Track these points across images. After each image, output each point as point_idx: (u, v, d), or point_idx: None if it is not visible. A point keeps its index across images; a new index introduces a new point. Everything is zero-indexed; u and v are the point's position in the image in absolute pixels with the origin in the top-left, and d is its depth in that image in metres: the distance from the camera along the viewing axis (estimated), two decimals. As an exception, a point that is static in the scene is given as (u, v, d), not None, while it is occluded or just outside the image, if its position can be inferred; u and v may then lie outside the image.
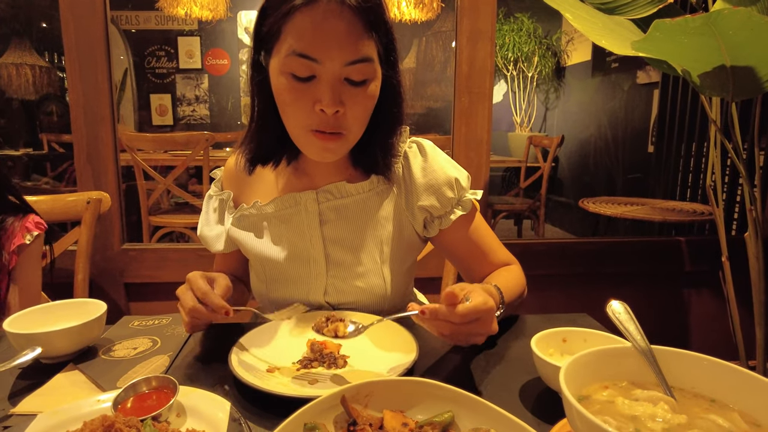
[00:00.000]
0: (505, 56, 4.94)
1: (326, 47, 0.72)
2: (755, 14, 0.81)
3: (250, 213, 0.92)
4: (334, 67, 0.73)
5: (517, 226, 4.32)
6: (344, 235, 0.90)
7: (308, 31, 0.71)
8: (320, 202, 0.89)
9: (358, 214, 0.90)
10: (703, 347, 1.59)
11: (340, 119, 0.76)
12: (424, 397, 0.53)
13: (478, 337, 0.67)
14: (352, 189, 0.89)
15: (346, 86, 0.75)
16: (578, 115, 4.83)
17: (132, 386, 0.58)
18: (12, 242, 1.04)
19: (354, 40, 0.72)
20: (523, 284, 0.91)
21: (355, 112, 0.77)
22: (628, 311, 0.57)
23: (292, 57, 0.72)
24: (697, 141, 2.86)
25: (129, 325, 0.87)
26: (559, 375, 0.45)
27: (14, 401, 0.63)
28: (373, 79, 0.77)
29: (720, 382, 0.49)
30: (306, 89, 0.74)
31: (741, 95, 1.12)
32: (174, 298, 1.62)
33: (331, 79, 0.73)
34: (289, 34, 0.73)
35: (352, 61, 0.73)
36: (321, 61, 0.72)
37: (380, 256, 0.90)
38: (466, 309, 0.63)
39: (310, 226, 0.89)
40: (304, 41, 0.72)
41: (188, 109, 5.42)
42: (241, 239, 0.94)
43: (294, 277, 0.91)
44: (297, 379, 0.68)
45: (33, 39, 4.84)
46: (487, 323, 0.65)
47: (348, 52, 0.72)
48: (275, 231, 0.92)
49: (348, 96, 0.75)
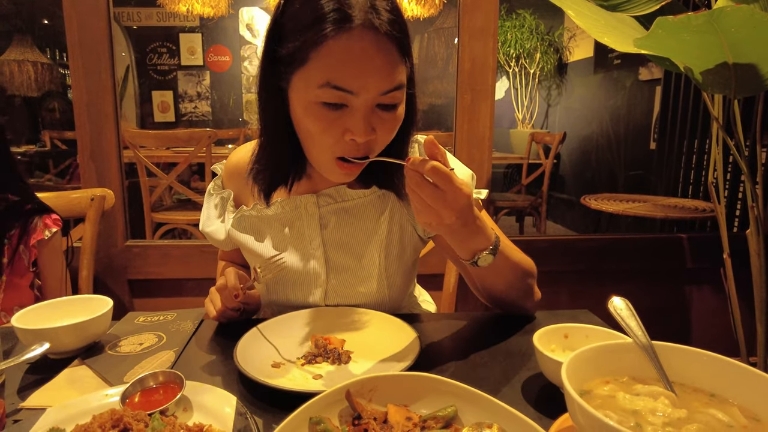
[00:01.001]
0: (508, 53, 4.93)
1: (363, 79, 0.68)
2: (758, 12, 0.81)
3: (251, 215, 0.92)
4: (369, 97, 0.70)
5: (519, 223, 4.33)
6: (344, 239, 0.90)
7: (343, 62, 0.68)
8: (321, 205, 0.89)
9: (358, 218, 0.89)
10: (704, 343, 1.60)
11: (370, 144, 0.74)
12: (427, 392, 0.53)
13: (433, 215, 0.64)
14: (353, 193, 0.89)
15: (377, 112, 0.72)
16: (580, 112, 4.82)
17: (139, 381, 0.59)
18: (32, 237, 1.12)
19: (390, 70, 0.70)
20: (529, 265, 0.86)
21: (384, 136, 0.75)
22: (629, 307, 0.57)
23: (326, 89, 0.69)
24: (699, 138, 2.86)
25: (134, 321, 0.88)
26: (561, 370, 0.46)
27: (23, 395, 0.64)
28: (401, 102, 0.75)
29: (720, 377, 0.50)
30: (336, 119, 0.71)
31: (743, 92, 1.12)
32: (177, 294, 1.63)
33: (364, 109, 0.71)
34: (320, 64, 0.68)
35: (388, 90, 0.70)
36: (357, 92, 0.69)
37: (380, 260, 0.90)
38: (437, 165, 0.61)
39: (311, 229, 0.89)
40: (339, 73, 0.68)
41: (190, 106, 5.42)
42: (241, 241, 0.93)
43: (294, 280, 0.91)
44: (302, 374, 0.69)
45: (35, 36, 4.85)
46: (450, 205, 0.63)
47: (384, 83, 0.70)
48: (275, 234, 0.91)
49: (378, 122, 0.73)
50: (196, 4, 3.14)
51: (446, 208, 0.63)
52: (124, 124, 1.66)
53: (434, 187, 0.62)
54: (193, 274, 1.72)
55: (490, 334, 0.83)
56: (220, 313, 0.84)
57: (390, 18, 0.69)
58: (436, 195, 0.62)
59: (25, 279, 1.12)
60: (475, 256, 0.73)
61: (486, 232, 0.73)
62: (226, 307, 0.82)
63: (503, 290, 0.85)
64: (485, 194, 0.90)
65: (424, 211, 0.64)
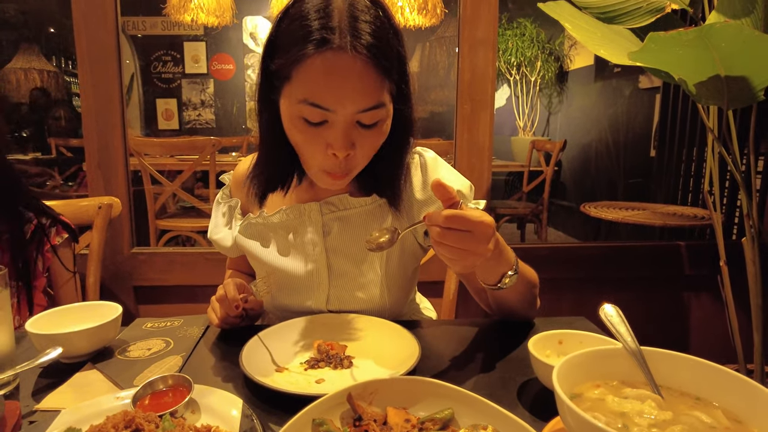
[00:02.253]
0: (508, 61, 4.98)
1: (339, 98, 0.71)
2: (747, 28, 0.84)
3: (257, 222, 0.95)
4: (347, 115, 0.72)
5: (520, 231, 4.34)
6: (346, 246, 0.92)
7: (320, 81, 0.71)
8: (324, 213, 0.92)
9: (360, 226, 0.92)
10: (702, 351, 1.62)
11: (351, 160, 0.77)
12: (425, 395, 0.56)
13: (469, 256, 0.64)
14: (355, 201, 0.91)
15: (357, 129, 0.75)
16: (581, 120, 4.85)
17: (149, 384, 0.61)
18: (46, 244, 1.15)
19: (367, 89, 0.72)
20: (535, 276, 0.88)
21: (366, 151, 0.78)
22: (619, 314, 0.60)
23: (305, 106, 0.72)
24: (698, 146, 2.88)
25: (142, 327, 0.90)
26: (553, 373, 0.48)
27: (38, 398, 0.66)
28: (385, 119, 0.77)
29: (705, 382, 0.52)
30: (318, 133, 0.75)
31: (736, 104, 1.14)
32: (181, 301, 1.66)
33: (342, 125, 0.73)
34: (300, 81, 0.72)
35: (365, 109, 0.73)
36: (334, 110, 0.72)
37: (381, 267, 0.92)
38: (452, 213, 0.61)
39: (314, 236, 0.92)
40: (316, 91, 0.71)
41: (194, 114, 5.48)
42: (247, 247, 0.97)
43: (297, 285, 0.94)
44: (305, 378, 0.72)
45: (41, 44, 4.91)
46: (481, 239, 0.63)
47: (361, 102, 0.72)
48: (280, 240, 0.94)
49: (359, 138, 0.76)
50: (201, 14, 3.18)
51: (479, 244, 0.63)
52: (128, 131, 1.69)
53: (458, 231, 0.63)
54: (198, 281, 1.75)
55: (488, 341, 0.86)
56: (222, 320, 0.87)
57: (370, 41, 0.70)
58: (463, 238, 0.63)
59: (39, 284, 1.15)
60: (501, 280, 0.76)
61: (507, 250, 0.76)
62: (228, 314, 0.86)
63: (515, 304, 0.88)
64: (483, 205, 0.92)
65: (458, 258, 0.64)
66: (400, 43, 0.77)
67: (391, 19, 0.76)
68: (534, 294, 0.89)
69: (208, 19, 3.18)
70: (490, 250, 0.66)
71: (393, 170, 0.87)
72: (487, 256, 0.66)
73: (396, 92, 0.78)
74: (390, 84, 0.75)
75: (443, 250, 0.64)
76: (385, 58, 0.72)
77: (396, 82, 0.77)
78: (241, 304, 0.84)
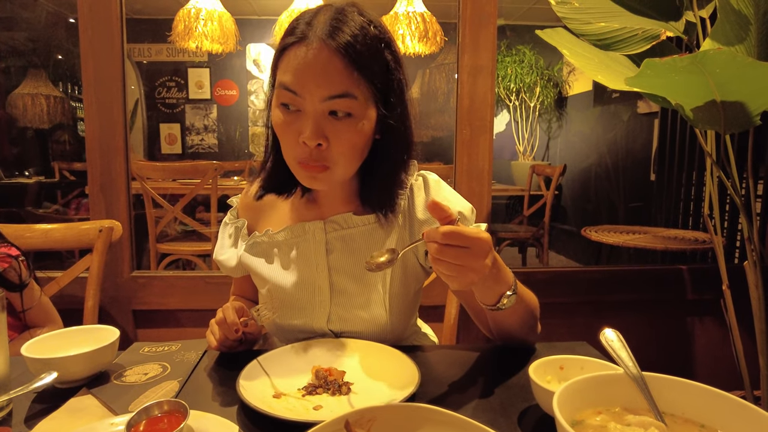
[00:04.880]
0: (508, 87, 5.05)
1: (305, 82, 0.76)
2: (740, 55, 0.85)
3: (262, 240, 0.97)
4: (314, 101, 0.77)
5: (521, 254, 4.33)
6: (349, 265, 0.93)
7: (292, 66, 0.77)
8: (327, 231, 0.93)
9: (363, 245, 0.93)
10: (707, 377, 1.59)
11: (324, 153, 0.79)
12: (425, 422, 0.55)
13: (468, 272, 0.64)
14: (358, 220, 0.92)
15: (330, 121, 0.78)
16: (580, 145, 4.89)
17: (144, 410, 0.60)
18: None
19: (331, 77, 0.76)
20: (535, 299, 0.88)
21: (340, 147, 0.79)
22: (620, 339, 0.59)
23: (280, 90, 0.79)
24: (697, 170, 2.89)
25: (139, 351, 0.89)
26: (553, 400, 0.47)
27: (30, 424, 0.65)
28: (361, 117, 0.79)
29: (709, 408, 0.51)
30: (292, 122, 0.79)
31: (732, 129, 1.15)
32: (181, 325, 1.64)
33: (312, 112, 0.77)
34: (281, 70, 0.79)
35: (331, 96, 0.76)
36: (301, 95, 0.77)
37: (383, 287, 0.93)
38: (449, 229, 0.62)
39: (317, 254, 0.93)
40: (288, 75, 0.77)
41: (197, 138, 5.53)
42: (252, 265, 0.98)
43: (299, 303, 0.94)
44: (302, 404, 0.70)
45: (49, 70, 5.00)
46: (478, 255, 0.64)
47: (325, 88, 0.76)
48: (284, 258, 0.96)
49: (331, 130, 0.78)
50: (205, 41, 3.24)
51: (477, 259, 0.64)
52: (131, 155, 1.71)
53: (456, 247, 0.63)
54: (198, 305, 1.74)
55: (488, 366, 0.85)
56: (221, 344, 0.86)
57: (344, 39, 0.76)
58: (461, 254, 0.64)
59: None
60: (500, 300, 0.76)
61: (505, 270, 0.77)
62: (227, 338, 0.85)
63: (514, 327, 0.87)
64: (484, 228, 0.92)
65: (457, 275, 0.65)
66: (393, 56, 0.82)
67: (382, 33, 0.81)
68: (534, 317, 0.88)
69: (213, 46, 3.24)
70: (488, 267, 0.66)
71: (387, 185, 0.89)
72: (485, 273, 0.66)
73: (382, 100, 0.82)
74: (365, 82, 0.78)
75: (441, 267, 0.65)
76: (357, 55, 0.77)
77: (379, 89, 0.81)
78: (241, 328, 0.84)
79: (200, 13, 3.07)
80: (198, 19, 3.06)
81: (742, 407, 0.48)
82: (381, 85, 0.81)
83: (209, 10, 3.09)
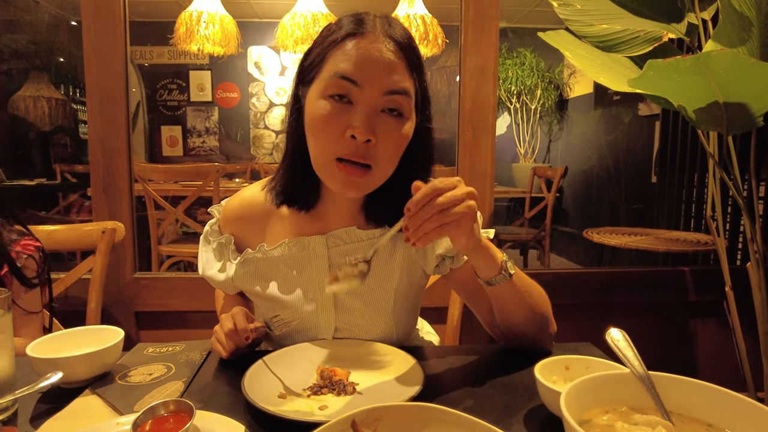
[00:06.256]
0: (509, 89, 5.06)
1: (369, 72, 0.74)
2: (742, 56, 0.85)
3: (255, 257, 0.90)
4: (373, 93, 0.74)
5: (522, 257, 4.33)
6: None
7: (353, 56, 0.74)
8: (329, 246, 0.88)
9: None
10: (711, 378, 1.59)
11: (371, 149, 0.76)
12: (431, 422, 0.54)
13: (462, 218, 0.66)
14: (363, 234, 0.89)
15: (381, 117, 0.76)
16: (581, 147, 4.90)
17: (150, 409, 0.60)
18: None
19: (396, 71, 0.75)
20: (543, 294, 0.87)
21: (387, 146, 0.77)
22: (626, 339, 0.59)
23: (334, 79, 0.75)
24: (699, 171, 2.90)
25: (143, 352, 0.89)
26: (560, 399, 0.47)
27: (36, 424, 0.65)
28: (409, 118, 0.78)
29: (717, 408, 0.51)
30: (340, 114, 0.75)
31: (735, 130, 1.16)
32: (183, 327, 1.63)
33: (367, 106, 0.75)
34: (334, 59, 0.76)
35: (392, 90, 0.75)
36: (361, 85, 0.74)
37: (389, 302, 0.90)
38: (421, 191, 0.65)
39: (319, 271, 0.88)
40: (348, 64, 0.74)
41: (198, 141, 5.55)
42: (246, 285, 0.92)
43: (303, 325, 0.90)
44: (308, 404, 0.70)
45: (51, 72, 5.02)
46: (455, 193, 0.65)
47: (389, 81, 0.75)
48: (282, 276, 0.90)
49: (382, 128, 0.76)
50: (207, 44, 3.25)
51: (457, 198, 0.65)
52: (133, 158, 1.71)
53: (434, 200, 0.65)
54: (199, 306, 1.74)
55: (493, 366, 0.85)
56: (231, 353, 0.83)
57: (402, 34, 0.77)
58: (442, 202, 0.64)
59: None
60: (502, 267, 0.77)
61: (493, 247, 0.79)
62: (237, 347, 0.83)
63: (522, 322, 0.84)
64: (492, 234, 0.92)
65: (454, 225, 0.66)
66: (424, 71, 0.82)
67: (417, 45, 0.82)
68: (542, 314, 0.85)
69: (214, 49, 3.25)
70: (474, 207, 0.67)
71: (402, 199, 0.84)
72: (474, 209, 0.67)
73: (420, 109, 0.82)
74: (416, 86, 0.79)
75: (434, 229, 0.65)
76: (414, 56, 0.78)
77: (421, 92, 0.81)
78: (252, 335, 0.81)
79: (202, 15, 3.08)
80: (200, 22, 3.07)
81: (749, 406, 0.48)
82: (421, 90, 0.81)
83: (211, 13, 3.10)
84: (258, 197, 0.93)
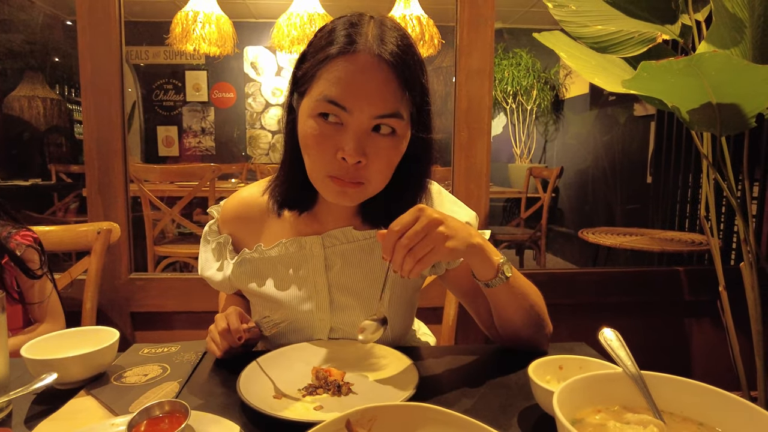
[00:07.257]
0: (505, 90, 5.07)
1: (357, 98, 0.72)
2: (735, 58, 0.86)
3: (252, 257, 0.91)
4: (362, 118, 0.73)
5: (518, 257, 4.34)
6: (349, 281, 0.90)
7: (341, 80, 0.72)
8: (326, 246, 0.89)
9: (363, 260, 0.90)
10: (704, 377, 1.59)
11: (361, 170, 0.76)
12: (425, 422, 0.55)
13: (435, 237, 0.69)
14: (359, 235, 0.89)
15: (372, 137, 0.75)
16: (577, 147, 4.91)
17: (145, 410, 0.60)
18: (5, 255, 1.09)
19: (386, 95, 0.73)
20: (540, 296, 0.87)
21: (378, 164, 0.76)
22: (619, 338, 0.60)
23: (322, 102, 0.73)
24: (694, 172, 2.91)
25: (139, 353, 0.89)
26: (553, 398, 0.48)
27: (30, 425, 0.65)
28: (402, 137, 0.77)
29: (708, 407, 0.51)
30: (331, 136, 0.74)
31: (728, 131, 1.16)
32: (178, 327, 1.63)
33: (357, 129, 0.73)
34: (323, 80, 0.74)
35: (382, 115, 0.73)
36: (350, 110, 0.72)
37: (384, 304, 0.89)
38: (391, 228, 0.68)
39: (315, 271, 0.89)
40: (336, 89, 0.72)
41: (194, 141, 5.53)
42: (243, 284, 0.93)
43: (298, 324, 0.91)
44: (303, 405, 0.71)
45: (45, 72, 5.00)
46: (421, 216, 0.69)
47: (378, 107, 0.73)
48: (279, 275, 0.91)
49: (372, 147, 0.75)
50: (203, 44, 3.24)
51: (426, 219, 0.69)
52: (129, 158, 1.71)
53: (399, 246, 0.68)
54: (195, 307, 1.73)
55: (487, 366, 0.85)
56: (224, 352, 0.84)
57: (395, 51, 0.73)
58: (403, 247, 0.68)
59: None
60: (499, 269, 0.77)
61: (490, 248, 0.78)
62: (230, 346, 0.83)
63: (519, 323, 0.85)
64: (488, 235, 0.93)
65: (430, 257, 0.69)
66: (423, 73, 0.79)
67: (415, 47, 0.78)
68: (539, 314, 0.85)
69: (210, 49, 3.24)
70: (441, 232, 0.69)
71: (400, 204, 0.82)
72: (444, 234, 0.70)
73: (416, 117, 0.79)
74: (410, 102, 0.76)
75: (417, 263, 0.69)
76: (408, 71, 0.74)
77: (417, 106, 0.78)
78: (245, 335, 0.81)
79: (198, 16, 3.07)
80: (195, 22, 3.07)
81: (740, 405, 0.49)
82: (419, 102, 0.78)
83: (207, 13, 3.10)
84: (256, 197, 0.94)
